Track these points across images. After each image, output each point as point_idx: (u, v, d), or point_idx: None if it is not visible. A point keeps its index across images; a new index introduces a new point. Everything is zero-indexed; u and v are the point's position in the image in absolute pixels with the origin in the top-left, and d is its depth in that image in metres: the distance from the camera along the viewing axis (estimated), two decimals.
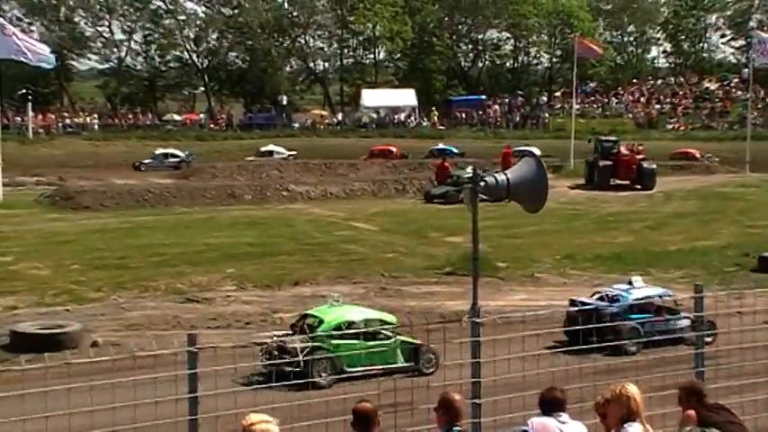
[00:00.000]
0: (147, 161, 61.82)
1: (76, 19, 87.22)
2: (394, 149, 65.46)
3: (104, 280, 25.71)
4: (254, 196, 44.73)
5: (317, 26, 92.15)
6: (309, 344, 16.54)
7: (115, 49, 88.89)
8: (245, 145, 68.09)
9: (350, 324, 17.79)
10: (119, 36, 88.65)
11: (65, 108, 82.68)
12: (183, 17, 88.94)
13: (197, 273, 26.74)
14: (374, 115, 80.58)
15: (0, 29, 43.09)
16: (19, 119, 72.82)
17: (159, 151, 63.96)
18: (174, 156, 62.72)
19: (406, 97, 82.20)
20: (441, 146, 65.20)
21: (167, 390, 7.83)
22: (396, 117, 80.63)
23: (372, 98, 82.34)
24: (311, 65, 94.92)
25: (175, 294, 24.28)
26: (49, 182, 52.63)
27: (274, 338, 16.78)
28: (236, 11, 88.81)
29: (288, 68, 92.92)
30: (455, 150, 63.93)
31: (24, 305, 22.81)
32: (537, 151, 49.42)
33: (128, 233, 34.06)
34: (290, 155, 64.55)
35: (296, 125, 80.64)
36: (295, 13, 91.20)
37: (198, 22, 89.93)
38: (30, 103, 71.22)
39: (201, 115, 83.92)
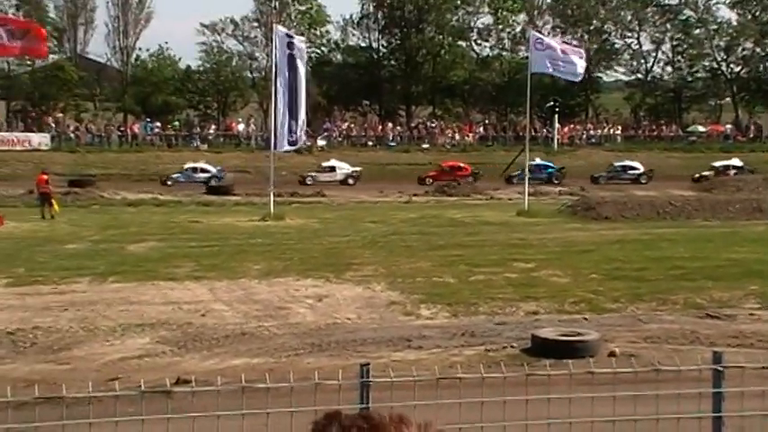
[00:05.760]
0: (174, 176, 57.35)
1: (607, 30, 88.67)
2: (462, 165, 61.13)
3: (622, 291, 25.65)
4: None
5: None
6: None
7: (642, 61, 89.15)
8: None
9: None
10: (647, 47, 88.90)
11: (589, 120, 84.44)
12: (714, 26, 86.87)
13: (717, 288, 25.79)
14: None
15: (535, 43, 44.97)
16: (545, 130, 75.76)
17: (188, 165, 58.72)
18: (203, 170, 57.70)
19: None
20: (538, 161, 60.36)
21: (690, 406, 7.56)
22: None
23: None
24: None
25: (694, 309, 23.59)
26: (571, 192, 54.06)
27: None
28: None
29: None
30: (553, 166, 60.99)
31: (545, 311, 23.46)
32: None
33: (646, 245, 33.80)
34: (353, 170, 58.82)
35: None
36: None
37: (729, 31, 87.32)
38: (556, 115, 73.89)
39: (728, 126, 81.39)
